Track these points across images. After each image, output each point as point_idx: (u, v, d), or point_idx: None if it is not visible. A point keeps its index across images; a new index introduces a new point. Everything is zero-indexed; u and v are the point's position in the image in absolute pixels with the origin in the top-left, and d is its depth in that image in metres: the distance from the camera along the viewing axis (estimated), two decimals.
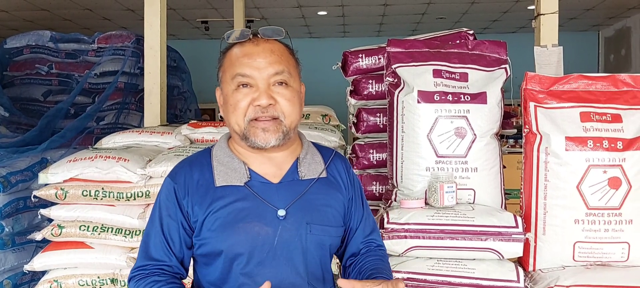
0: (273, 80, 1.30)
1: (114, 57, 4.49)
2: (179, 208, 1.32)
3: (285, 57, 1.33)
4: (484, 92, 2.02)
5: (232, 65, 1.31)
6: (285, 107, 1.30)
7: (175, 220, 1.32)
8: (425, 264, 1.88)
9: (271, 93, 1.29)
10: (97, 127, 4.27)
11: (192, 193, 1.32)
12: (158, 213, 1.35)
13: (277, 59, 1.31)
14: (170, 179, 1.35)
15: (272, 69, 1.29)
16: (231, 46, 1.35)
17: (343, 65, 2.56)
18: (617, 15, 7.93)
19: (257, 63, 1.29)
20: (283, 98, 1.30)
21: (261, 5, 7.00)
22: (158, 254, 1.32)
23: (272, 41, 1.34)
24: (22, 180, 3.08)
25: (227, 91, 1.32)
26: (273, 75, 1.29)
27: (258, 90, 1.28)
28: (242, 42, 1.33)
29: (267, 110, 1.28)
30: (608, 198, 1.86)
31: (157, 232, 1.33)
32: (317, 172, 1.37)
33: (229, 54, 1.34)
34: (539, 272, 1.91)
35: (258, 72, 1.28)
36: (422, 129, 2.01)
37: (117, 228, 2.37)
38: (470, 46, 2.18)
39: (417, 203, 1.97)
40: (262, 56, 1.30)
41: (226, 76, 1.33)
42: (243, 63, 1.29)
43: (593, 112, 1.91)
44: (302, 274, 1.30)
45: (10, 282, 3.03)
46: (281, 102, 1.30)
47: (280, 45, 1.35)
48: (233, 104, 1.30)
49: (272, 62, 1.30)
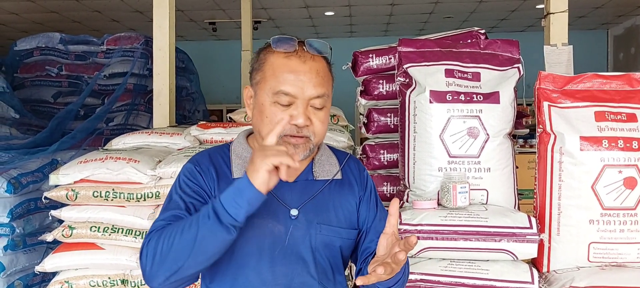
0: (313, 103, 1.29)
1: (123, 58, 4.52)
2: (205, 184, 1.30)
3: (327, 79, 1.33)
4: (497, 92, 2.00)
5: (275, 77, 1.28)
6: (318, 128, 1.30)
7: (198, 195, 1.29)
8: (439, 265, 1.87)
9: (308, 114, 1.28)
10: (107, 128, 4.29)
11: (213, 180, 1.31)
12: (178, 191, 1.30)
13: (321, 82, 1.30)
14: (191, 164, 1.34)
15: (314, 92, 1.28)
16: (273, 50, 1.31)
17: (353, 66, 2.55)
18: (626, 13, 7.88)
19: (302, 83, 1.27)
20: (318, 120, 1.30)
21: (268, 6, 7.00)
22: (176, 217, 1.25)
23: (318, 58, 1.32)
24: (33, 181, 3.09)
25: (264, 101, 1.30)
26: (314, 98, 1.29)
27: (296, 108, 1.27)
28: (288, 54, 1.30)
29: (301, 130, 1.28)
30: (623, 199, 1.83)
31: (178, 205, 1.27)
32: (331, 173, 1.38)
33: (271, 61, 1.31)
34: (554, 273, 1.89)
35: (301, 91, 1.27)
36: (434, 129, 2.00)
37: (127, 229, 2.37)
38: (482, 45, 2.17)
39: (430, 204, 1.96)
40: (307, 76, 1.28)
41: (266, 85, 1.30)
42: (288, 80, 1.27)
43: (608, 111, 1.89)
44: (312, 273, 1.30)
45: (22, 283, 3.05)
46: (315, 124, 1.30)
47: (324, 64, 1.33)
48: (269, 116, 1.29)
49: (316, 85, 1.29)
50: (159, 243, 1.17)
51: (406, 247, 1.12)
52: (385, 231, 1.20)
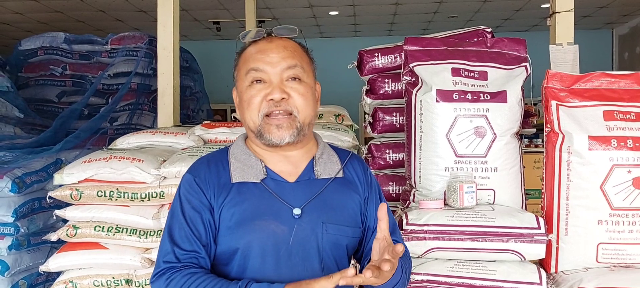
0: (286, 75, 1.31)
1: (127, 58, 4.52)
2: (204, 197, 1.31)
3: (298, 52, 1.35)
4: (504, 91, 1.99)
5: (246, 61, 1.33)
6: (299, 102, 1.30)
7: (199, 212, 1.30)
8: (445, 266, 1.85)
9: (284, 87, 1.30)
10: (111, 127, 4.30)
11: (212, 187, 1.31)
12: (180, 207, 1.32)
13: (290, 54, 1.32)
14: (190, 174, 1.35)
15: (285, 63, 1.30)
16: (246, 46, 1.37)
17: (358, 65, 2.54)
18: (631, 13, 7.84)
19: (270, 58, 1.30)
20: (296, 93, 1.30)
21: (272, 6, 7.00)
22: (185, 245, 1.28)
23: (286, 39, 1.36)
24: (37, 181, 3.09)
25: (242, 88, 1.34)
26: (286, 70, 1.30)
27: (271, 85, 1.29)
28: (256, 41, 1.35)
29: (280, 105, 1.29)
30: (632, 199, 1.81)
31: (182, 224, 1.30)
32: (333, 171, 1.37)
33: (243, 53, 1.37)
34: (562, 273, 1.87)
35: (271, 66, 1.30)
36: (440, 128, 1.98)
37: (131, 228, 2.36)
38: (488, 44, 2.15)
39: (436, 204, 1.94)
40: (275, 51, 1.31)
41: (240, 73, 1.35)
42: (256, 58, 1.31)
43: (616, 110, 1.87)
44: (318, 273, 1.29)
45: (26, 283, 3.04)
46: (294, 97, 1.30)
47: (293, 42, 1.37)
48: (247, 99, 1.31)
49: (285, 57, 1.31)
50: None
51: (393, 255, 1.12)
52: (377, 236, 1.19)
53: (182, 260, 1.26)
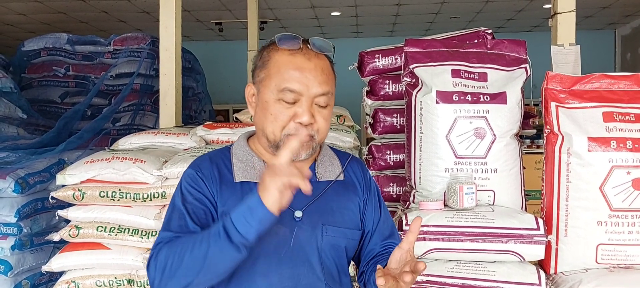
0: (317, 101, 1.29)
1: (130, 59, 4.53)
2: (207, 190, 1.30)
3: (331, 77, 1.33)
4: (504, 92, 1.99)
5: (280, 74, 1.28)
6: (322, 126, 1.30)
7: (201, 202, 1.29)
8: (445, 267, 1.86)
9: (313, 112, 1.28)
10: (113, 128, 4.31)
11: (215, 183, 1.31)
12: (181, 199, 1.30)
13: (326, 79, 1.30)
14: (192, 169, 1.33)
15: (319, 90, 1.28)
16: (277, 48, 1.31)
17: (359, 66, 2.54)
18: (633, 13, 7.82)
19: (307, 80, 1.27)
20: (322, 118, 1.30)
21: (275, 7, 7.01)
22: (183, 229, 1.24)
23: (323, 57, 1.32)
24: (40, 181, 3.10)
25: (268, 98, 1.29)
26: (319, 96, 1.29)
27: (301, 106, 1.27)
28: (292, 51, 1.30)
29: (305, 128, 1.28)
30: (632, 200, 1.82)
31: (182, 214, 1.27)
32: (334, 174, 1.38)
33: (276, 58, 1.30)
34: (561, 274, 1.88)
35: (306, 89, 1.27)
36: (440, 130, 1.99)
37: (133, 229, 2.37)
38: (489, 45, 2.16)
39: (436, 205, 1.95)
40: (312, 74, 1.28)
41: (270, 82, 1.29)
42: (293, 77, 1.27)
43: (616, 112, 1.88)
44: (319, 275, 1.30)
45: (29, 283, 3.06)
46: (319, 122, 1.29)
47: (328, 62, 1.33)
48: (274, 114, 1.28)
49: (321, 83, 1.28)
50: (168, 257, 1.17)
51: (415, 269, 1.10)
52: (401, 246, 1.18)
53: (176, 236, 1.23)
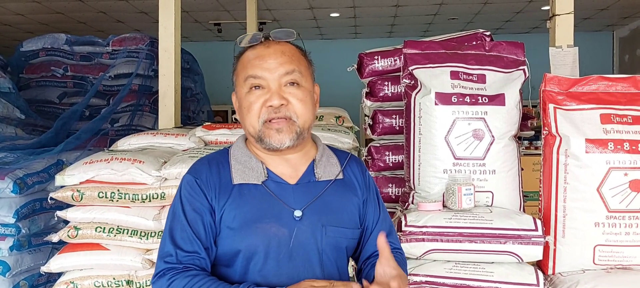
0: (284, 81, 1.31)
1: (128, 59, 4.52)
2: (205, 199, 1.31)
3: (296, 57, 1.35)
4: (502, 94, 2.00)
5: (245, 67, 1.33)
6: (298, 108, 1.31)
7: (200, 214, 1.30)
8: (444, 267, 1.86)
9: (283, 93, 1.30)
10: (112, 128, 4.30)
11: (214, 188, 1.32)
12: (181, 208, 1.32)
13: (288, 60, 1.32)
14: (191, 176, 1.35)
15: (282, 69, 1.31)
16: (244, 50, 1.36)
17: (358, 67, 2.55)
18: (631, 15, 7.84)
19: (268, 64, 1.31)
20: (295, 98, 1.31)
21: (273, 8, 7.01)
22: (186, 246, 1.28)
23: (284, 43, 1.35)
24: (39, 181, 3.10)
25: (241, 94, 1.34)
26: (284, 75, 1.31)
27: (270, 91, 1.30)
28: (254, 46, 1.35)
29: (279, 111, 1.29)
30: (629, 201, 1.83)
31: (183, 226, 1.30)
32: (333, 174, 1.38)
33: (241, 58, 1.36)
34: (559, 275, 1.89)
35: (269, 72, 1.30)
36: (439, 131, 2.00)
37: (132, 229, 2.37)
38: (487, 47, 2.16)
39: (435, 206, 1.95)
40: (273, 57, 1.31)
41: (239, 79, 1.35)
42: (255, 65, 1.31)
43: (613, 113, 1.89)
44: (318, 275, 1.30)
45: (27, 283, 3.06)
46: (293, 102, 1.31)
47: (291, 46, 1.36)
48: (246, 106, 1.32)
49: (283, 63, 1.31)
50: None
51: None
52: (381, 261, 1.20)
53: (183, 262, 1.27)
